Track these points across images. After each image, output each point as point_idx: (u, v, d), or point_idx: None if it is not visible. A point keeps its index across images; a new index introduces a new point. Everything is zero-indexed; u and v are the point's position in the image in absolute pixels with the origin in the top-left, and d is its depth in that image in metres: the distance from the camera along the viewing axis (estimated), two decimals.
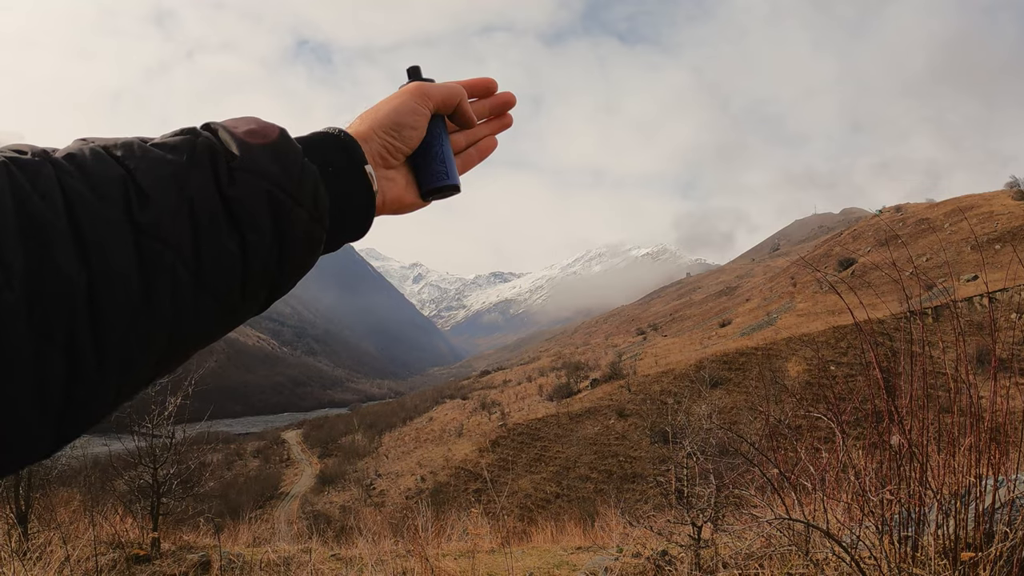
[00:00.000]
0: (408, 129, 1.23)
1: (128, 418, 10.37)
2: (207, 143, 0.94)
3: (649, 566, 6.52)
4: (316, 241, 1.04)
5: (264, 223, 0.94)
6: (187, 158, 0.91)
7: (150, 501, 10.09)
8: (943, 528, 3.81)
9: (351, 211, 1.13)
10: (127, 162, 0.87)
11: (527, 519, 20.73)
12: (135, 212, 0.83)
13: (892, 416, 4.19)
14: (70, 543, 7.93)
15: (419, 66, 1.31)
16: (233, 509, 40.73)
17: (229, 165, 0.94)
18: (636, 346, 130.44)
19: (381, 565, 7.42)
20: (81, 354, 0.77)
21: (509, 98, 1.43)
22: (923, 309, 4.42)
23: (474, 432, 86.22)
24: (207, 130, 0.98)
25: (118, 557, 8.85)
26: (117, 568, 8.48)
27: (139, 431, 10.29)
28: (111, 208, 0.82)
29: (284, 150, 1.01)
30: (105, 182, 0.84)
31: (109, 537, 9.60)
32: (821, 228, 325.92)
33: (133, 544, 9.50)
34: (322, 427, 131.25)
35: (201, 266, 0.88)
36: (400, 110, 1.23)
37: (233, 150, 0.96)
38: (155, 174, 0.86)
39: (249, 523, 13.88)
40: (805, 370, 68.15)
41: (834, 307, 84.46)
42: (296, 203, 0.98)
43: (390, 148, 1.21)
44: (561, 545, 10.87)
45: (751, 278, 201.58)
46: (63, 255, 0.76)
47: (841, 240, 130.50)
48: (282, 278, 1.01)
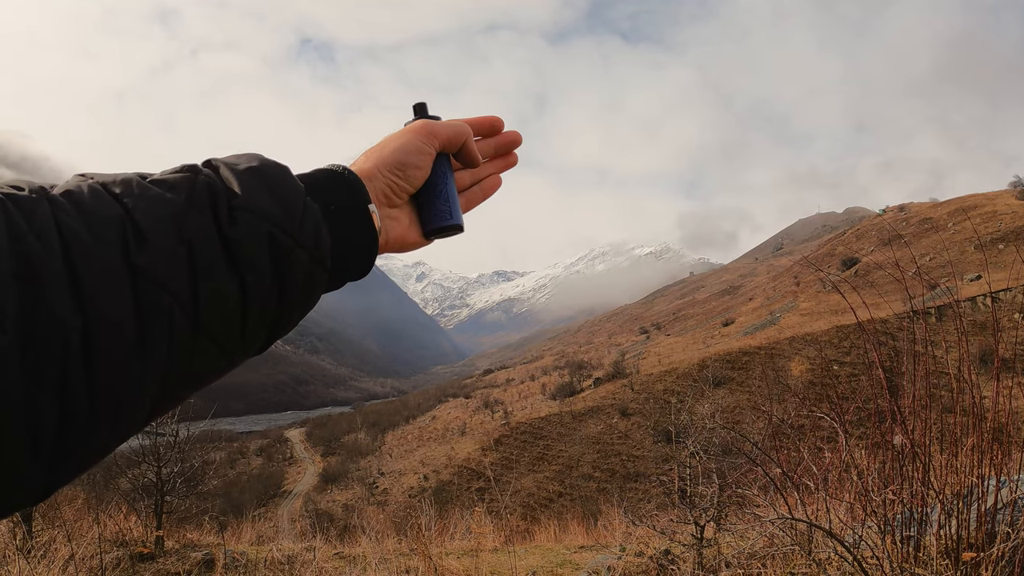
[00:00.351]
0: (413, 168, 1.22)
1: None
2: (207, 182, 0.94)
3: (652, 565, 6.52)
4: (318, 282, 1.04)
5: (264, 264, 0.94)
6: (186, 197, 0.90)
7: (154, 499, 10.11)
8: (945, 528, 3.82)
9: (354, 251, 1.12)
10: (125, 200, 0.86)
11: (530, 518, 20.76)
12: (132, 254, 0.82)
13: (895, 416, 4.20)
14: (74, 541, 7.94)
15: (425, 103, 1.32)
16: (236, 507, 40.82)
17: (230, 204, 0.93)
18: (639, 345, 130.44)
19: (384, 564, 7.43)
20: (74, 398, 0.75)
21: (515, 137, 1.43)
22: (926, 309, 4.42)
23: (477, 431, 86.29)
24: (208, 167, 0.99)
25: (122, 555, 8.87)
26: (121, 566, 8.49)
27: (143, 429, 10.33)
28: (108, 250, 0.80)
29: (286, 189, 1.00)
30: (102, 222, 0.82)
31: (113, 535, 9.63)
32: (825, 227, 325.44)
33: (137, 542, 9.52)
34: (325, 425, 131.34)
35: (199, 309, 0.87)
36: (406, 148, 1.22)
37: (235, 188, 0.95)
38: (154, 214, 0.86)
39: (252, 521, 13.91)
40: (808, 369, 68.18)
41: (837, 307, 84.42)
42: (297, 244, 0.98)
43: (394, 187, 1.21)
44: (564, 544, 10.87)
45: (754, 277, 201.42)
46: (58, 298, 0.75)
47: (844, 239, 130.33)
48: (283, 319, 1.00)
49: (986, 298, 68.31)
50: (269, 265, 0.94)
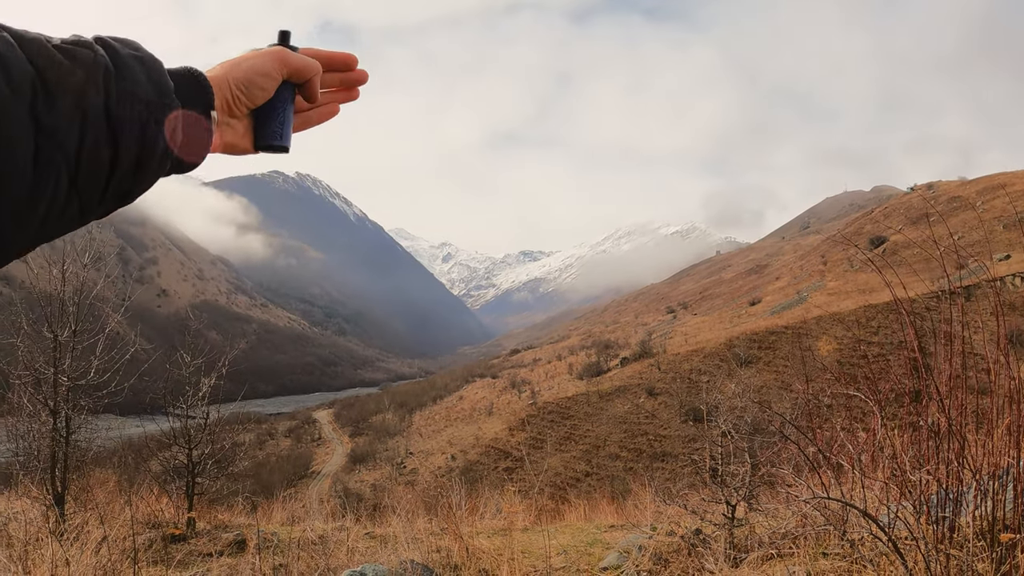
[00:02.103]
0: (258, 89, 1.32)
1: (164, 399, 10.49)
2: (104, 63, 1.03)
3: (683, 544, 6.51)
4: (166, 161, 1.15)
5: (132, 143, 1.05)
6: (87, 72, 0.99)
7: (185, 481, 10.20)
8: (980, 509, 3.79)
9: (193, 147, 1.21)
10: (36, 61, 0.94)
11: (558, 497, 20.74)
12: (40, 113, 0.91)
13: (931, 395, 4.16)
14: (107, 523, 8.01)
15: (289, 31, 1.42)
16: (265, 488, 41.00)
17: (118, 85, 1.03)
18: (666, 324, 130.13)
19: (416, 543, 7.45)
20: None
21: (362, 76, 1.54)
22: (956, 288, 4.37)
23: (504, 411, 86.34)
24: (101, 44, 1.07)
25: (155, 536, 8.95)
26: (154, 547, 8.57)
27: (174, 412, 10.40)
28: (20, 104, 0.90)
29: (162, 81, 1.11)
30: (19, 76, 0.90)
31: (145, 517, 9.71)
32: (852, 206, 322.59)
33: (169, 524, 9.61)
34: (353, 406, 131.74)
35: (79, 172, 0.98)
36: (257, 70, 1.32)
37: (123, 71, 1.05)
38: (63, 83, 0.95)
39: (282, 502, 13.97)
40: (836, 349, 67.79)
41: (865, 285, 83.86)
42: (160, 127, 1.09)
43: (237, 101, 1.31)
44: (594, 523, 10.85)
45: (781, 256, 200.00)
46: None
47: (872, 218, 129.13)
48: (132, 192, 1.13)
49: (1015, 278, 67.70)
50: (136, 145, 1.06)
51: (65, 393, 9.14)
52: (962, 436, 3.96)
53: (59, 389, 9.09)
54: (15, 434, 9.39)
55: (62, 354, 9.18)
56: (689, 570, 6.03)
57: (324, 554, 7.55)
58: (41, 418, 9.11)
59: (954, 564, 3.70)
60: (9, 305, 9.89)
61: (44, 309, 9.24)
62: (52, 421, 9.05)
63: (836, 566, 4.46)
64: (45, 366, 9.11)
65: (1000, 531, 3.68)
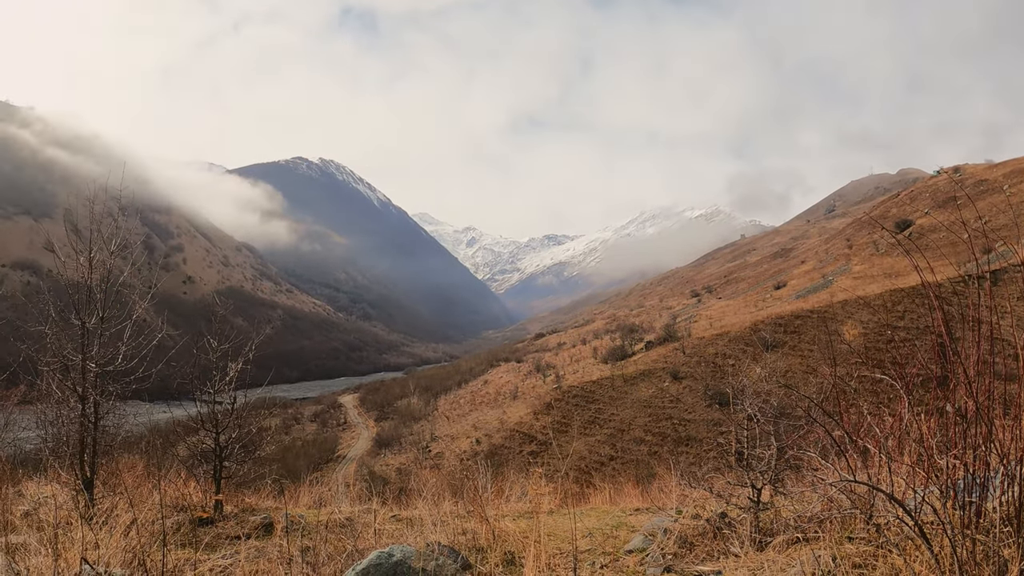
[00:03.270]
0: None
1: (191, 384, 10.56)
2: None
3: (709, 528, 6.52)
4: None
5: None
6: None
7: (212, 465, 10.27)
8: (1007, 494, 3.77)
9: None
10: None
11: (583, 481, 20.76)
12: None
13: (958, 380, 4.13)
14: (136, 507, 8.09)
15: None
16: (292, 472, 41.30)
17: None
18: (690, 308, 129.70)
19: (442, 526, 7.49)
20: None
21: None
22: (982, 273, 4.35)
23: (528, 395, 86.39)
24: None
25: (182, 520, 9.03)
26: (182, 531, 8.64)
27: (201, 397, 10.47)
28: None
29: None
30: None
31: (173, 501, 9.79)
32: (877, 189, 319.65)
33: (197, 507, 9.68)
34: (378, 391, 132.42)
35: None
36: None
37: None
38: None
39: (309, 485, 14.05)
40: (861, 333, 67.38)
41: (891, 269, 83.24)
42: None
43: None
44: (619, 507, 10.88)
45: (806, 240, 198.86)
46: None
47: (898, 201, 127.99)
48: None
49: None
50: None
51: (93, 379, 9.21)
52: (989, 421, 3.94)
53: (87, 375, 9.16)
54: (44, 420, 9.46)
55: (90, 341, 9.25)
56: (714, 553, 6.04)
57: (352, 536, 7.60)
58: (70, 404, 9.18)
59: (980, 549, 3.68)
60: (37, 294, 9.96)
61: (72, 297, 9.30)
62: (81, 407, 9.12)
63: (862, 550, 4.45)
64: (73, 353, 9.18)
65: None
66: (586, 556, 6.97)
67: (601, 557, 6.88)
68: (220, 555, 7.43)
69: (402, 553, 5.73)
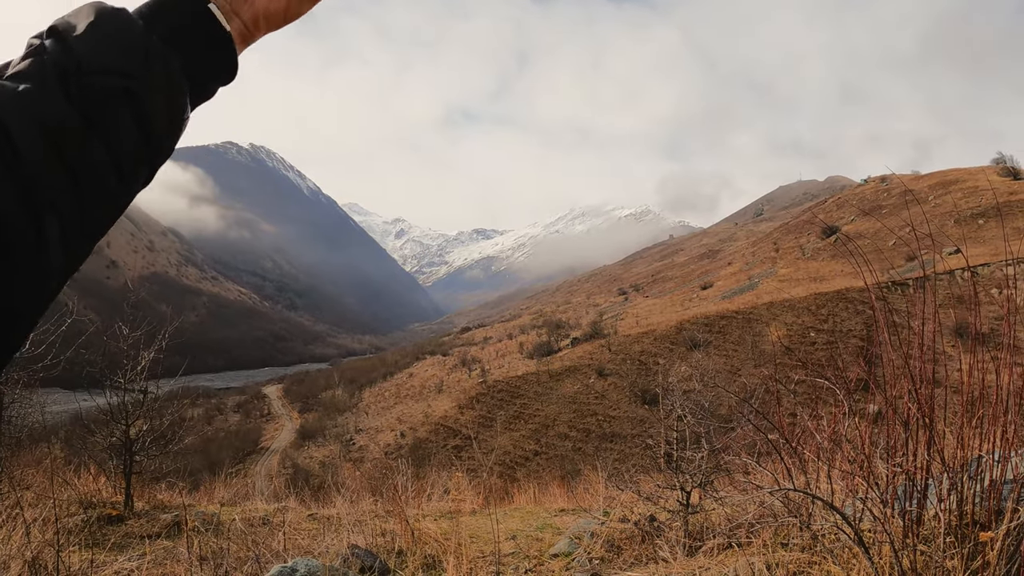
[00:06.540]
0: None
1: (100, 372, 10.14)
2: (53, 60, 0.92)
3: (637, 531, 6.37)
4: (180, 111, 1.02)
5: (125, 120, 0.94)
6: (38, 85, 0.89)
7: (123, 460, 9.88)
8: (947, 503, 3.66)
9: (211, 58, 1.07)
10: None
11: (507, 476, 20.74)
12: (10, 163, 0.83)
13: (885, 382, 4.03)
14: (40, 504, 7.72)
15: None
16: (213, 464, 40.75)
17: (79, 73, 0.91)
18: (617, 306, 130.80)
19: (360, 526, 7.27)
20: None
21: None
22: (904, 280, 4.25)
23: (454, 389, 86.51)
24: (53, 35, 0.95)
25: (89, 518, 8.66)
26: (88, 529, 8.27)
27: (111, 386, 10.04)
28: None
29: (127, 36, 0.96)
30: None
31: (83, 497, 9.40)
32: (806, 195, 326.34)
33: (106, 504, 9.31)
34: (303, 382, 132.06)
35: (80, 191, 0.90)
36: None
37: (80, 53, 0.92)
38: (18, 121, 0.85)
39: (226, 480, 13.75)
40: (785, 335, 68.47)
41: (816, 273, 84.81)
42: (151, 90, 0.96)
43: None
44: (545, 507, 10.75)
45: (734, 242, 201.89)
46: None
47: (825, 208, 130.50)
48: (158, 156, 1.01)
49: (964, 272, 68.86)
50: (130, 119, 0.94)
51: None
52: (931, 425, 3.83)
53: None
54: None
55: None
56: (643, 558, 5.89)
57: (256, 542, 7.31)
58: None
59: (921, 560, 3.56)
60: None
61: None
62: None
63: (797, 558, 4.33)
64: None
65: (967, 525, 3.56)
66: (510, 560, 6.78)
67: (525, 561, 6.70)
68: (126, 557, 7.09)
69: (306, 567, 5.42)
